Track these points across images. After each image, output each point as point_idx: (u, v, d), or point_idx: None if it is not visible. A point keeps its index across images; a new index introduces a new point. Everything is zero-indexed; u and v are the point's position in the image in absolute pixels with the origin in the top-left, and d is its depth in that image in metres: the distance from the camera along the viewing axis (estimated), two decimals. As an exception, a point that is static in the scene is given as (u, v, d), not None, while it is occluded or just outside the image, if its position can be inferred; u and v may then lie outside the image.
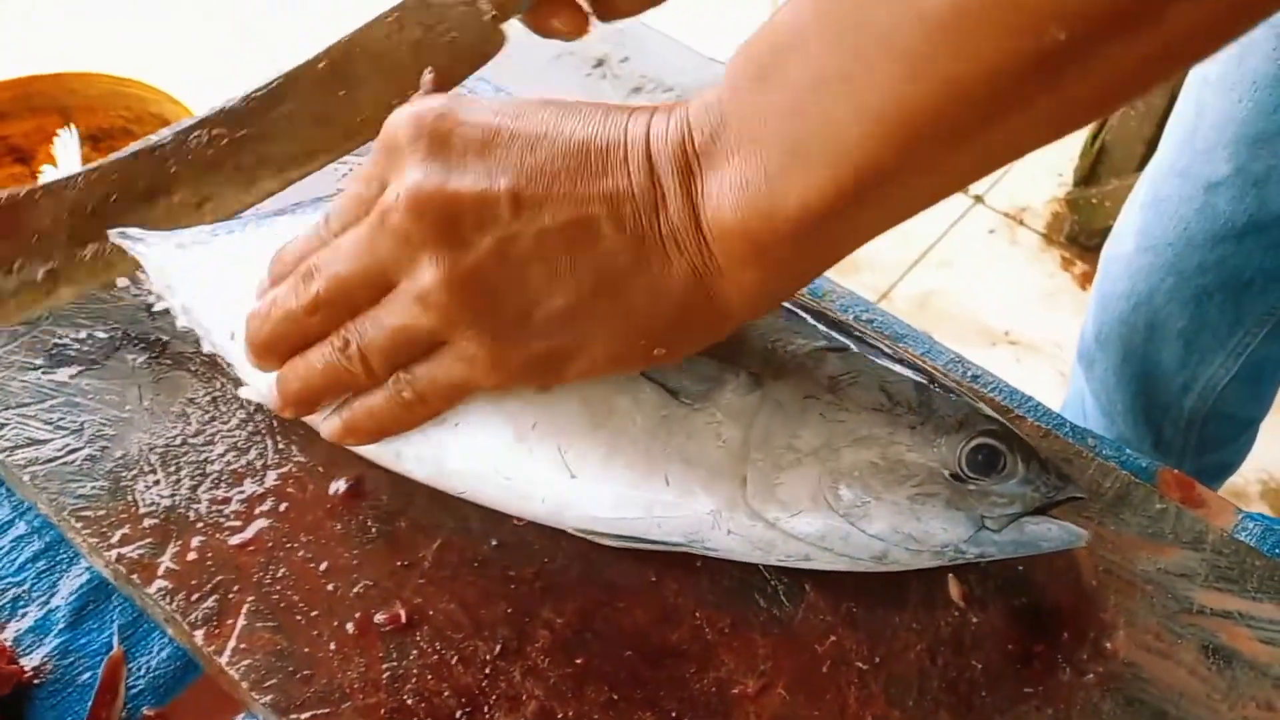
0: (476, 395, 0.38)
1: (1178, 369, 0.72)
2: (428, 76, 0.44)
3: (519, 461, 0.39)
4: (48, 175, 0.50)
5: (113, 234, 0.46)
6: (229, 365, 0.45)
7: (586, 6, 0.45)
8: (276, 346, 0.39)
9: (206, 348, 0.45)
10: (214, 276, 0.44)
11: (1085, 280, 1.65)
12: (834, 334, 0.41)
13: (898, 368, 0.40)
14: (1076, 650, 0.41)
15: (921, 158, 0.28)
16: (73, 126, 0.51)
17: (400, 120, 0.34)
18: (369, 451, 0.42)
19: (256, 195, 0.46)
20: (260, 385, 0.42)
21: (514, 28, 0.47)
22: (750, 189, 0.30)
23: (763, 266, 0.32)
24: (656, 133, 0.32)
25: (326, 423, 0.40)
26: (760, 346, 0.39)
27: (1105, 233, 1.67)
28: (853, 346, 0.40)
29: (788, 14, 0.29)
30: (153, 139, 0.47)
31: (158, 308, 0.47)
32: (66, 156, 0.51)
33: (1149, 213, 0.70)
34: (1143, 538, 0.44)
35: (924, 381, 0.40)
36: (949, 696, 0.39)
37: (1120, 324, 0.74)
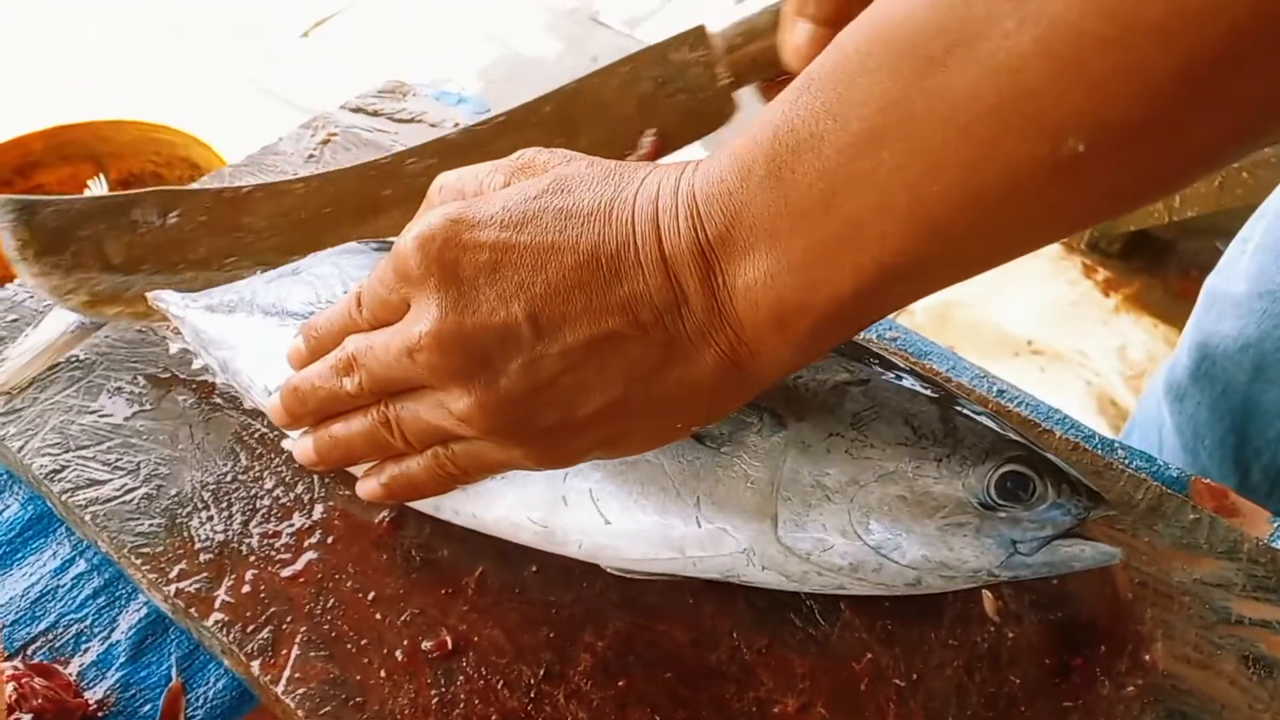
0: None
1: (1279, 413, 0.71)
2: (647, 139, 0.43)
3: (554, 511, 0.41)
4: None
5: (149, 297, 0.48)
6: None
7: None
8: (315, 416, 0.40)
9: (248, 404, 0.46)
10: (245, 338, 0.45)
11: (1108, 288, 1.64)
12: (853, 364, 0.41)
13: (920, 390, 0.40)
14: (1115, 663, 0.41)
15: (946, 250, 0.29)
16: (102, 176, 0.53)
17: (408, 248, 0.33)
18: None
19: None
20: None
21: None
22: (777, 282, 0.30)
23: (795, 342, 0.32)
24: (667, 228, 0.31)
25: (364, 484, 0.41)
26: (781, 385, 0.40)
27: (1125, 239, 1.67)
28: (872, 378, 0.40)
29: (796, 107, 0.29)
30: (373, 160, 0.47)
31: (196, 365, 0.49)
32: None
33: (1267, 256, 0.69)
34: (1177, 549, 0.44)
35: (948, 408, 0.40)
36: (988, 712, 0.40)
37: (1225, 361, 0.72)
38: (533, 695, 0.40)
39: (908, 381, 0.41)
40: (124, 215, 0.46)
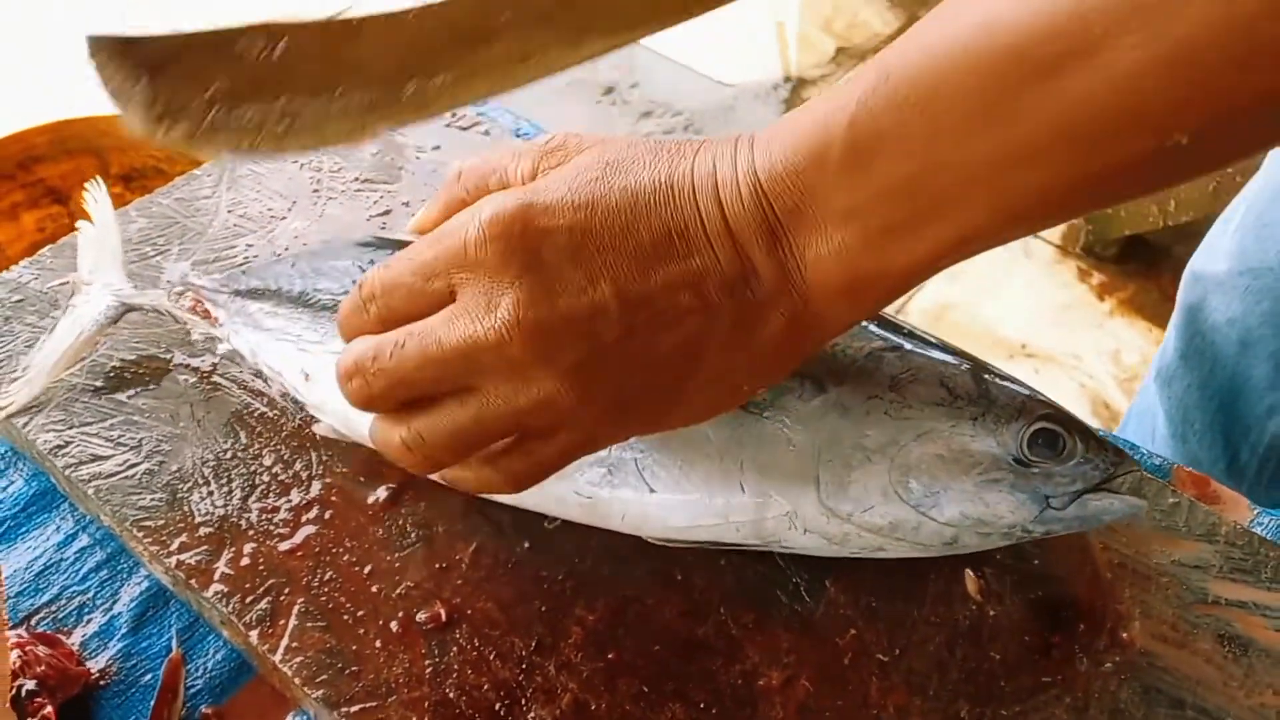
0: None
1: (1266, 390, 0.72)
2: None
3: (600, 483, 0.42)
4: (84, 227, 0.53)
5: (176, 287, 0.48)
6: (302, 404, 0.47)
7: None
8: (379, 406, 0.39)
9: (276, 389, 0.47)
10: (279, 324, 0.46)
11: (1102, 291, 1.65)
12: (887, 334, 0.42)
13: (952, 360, 0.42)
14: (1093, 641, 0.42)
15: (1027, 221, 0.31)
16: (99, 179, 0.53)
17: (478, 235, 0.33)
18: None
19: (580, 56, 0.43)
20: (335, 421, 0.45)
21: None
22: (851, 255, 0.31)
23: (860, 306, 0.34)
24: (730, 201, 0.32)
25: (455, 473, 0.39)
26: (821, 353, 0.41)
27: (1121, 243, 1.68)
28: (906, 344, 0.42)
29: (876, 98, 0.30)
30: None
31: (222, 350, 0.49)
32: (99, 206, 0.53)
33: (1249, 236, 0.71)
34: (1156, 531, 0.45)
35: (979, 373, 0.41)
36: (969, 686, 0.41)
37: (1213, 335, 0.74)
38: (524, 666, 0.41)
39: (937, 351, 0.42)
40: (229, 48, 0.45)
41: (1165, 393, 0.79)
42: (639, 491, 0.41)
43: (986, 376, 0.41)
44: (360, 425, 0.44)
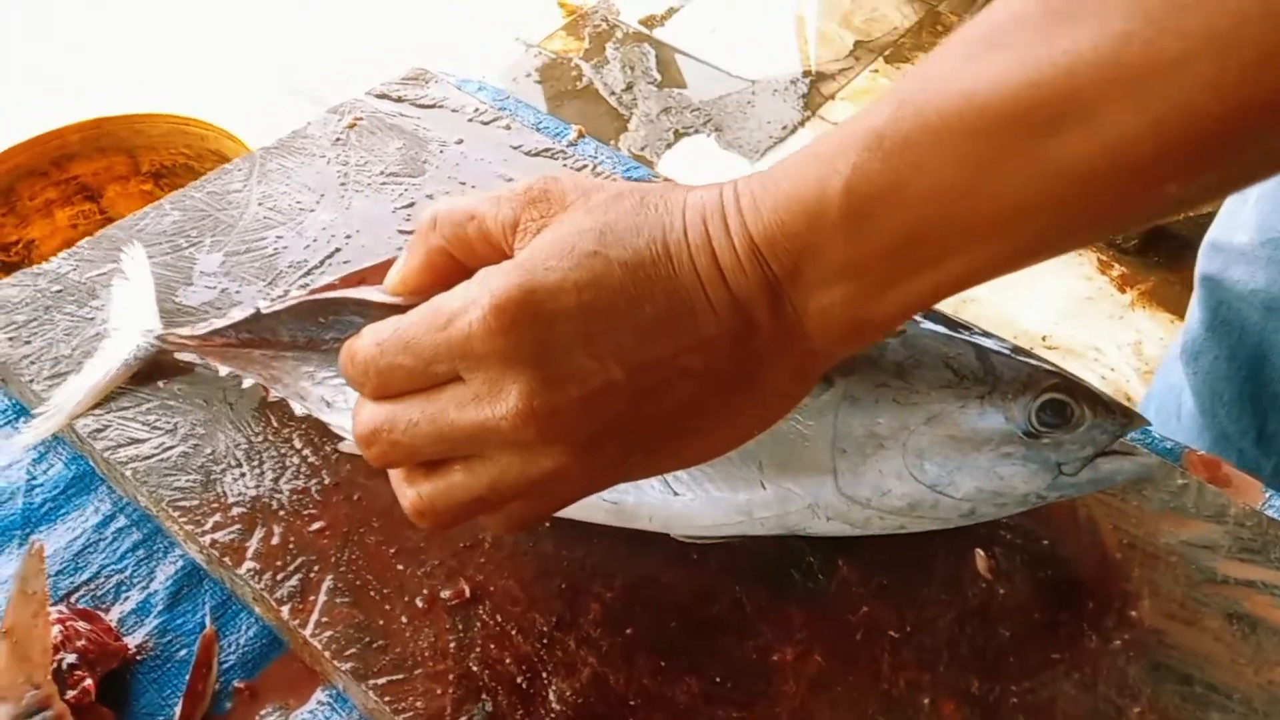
0: None
1: None
2: None
3: (624, 491, 0.43)
4: (118, 283, 0.54)
5: (156, 335, 0.49)
6: (327, 424, 0.48)
7: None
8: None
9: (300, 411, 0.48)
10: (288, 365, 0.47)
11: (1124, 283, 1.65)
12: None
13: (953, 335, 0.42)
14: (1102, 619, 0.43)
15: (1024, 260, 0.32)
16: (136, 242, 0.56)
17: (485, 326, 0.32)
18: None
19: None
20: None
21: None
22: (853, 305, 0.32)
23: (862, 342, 0.36)
24: (729, 268, 0.33)
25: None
26: None
27: (1142, 235, 1.67)
28: (908, 328, 0.42)
29: (871, 160, 0.30)
30: None
31: (247, 384, 0.50)
32: (135, 264, 0.55)
33: (1267, 205, 0.71)
34: (1165, 512, 0.46)
35: (982, 348, 0.42)
36: (978, 662, 0.41)
37: (1238, 303, 0.74)
38: (545, 641, 0.42)
39: (939, 328, 0.43)
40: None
41: (1191, 368, 0.80)
42: (664, 495, 0.42)
43: (990, 350, 0.42)
44: None
